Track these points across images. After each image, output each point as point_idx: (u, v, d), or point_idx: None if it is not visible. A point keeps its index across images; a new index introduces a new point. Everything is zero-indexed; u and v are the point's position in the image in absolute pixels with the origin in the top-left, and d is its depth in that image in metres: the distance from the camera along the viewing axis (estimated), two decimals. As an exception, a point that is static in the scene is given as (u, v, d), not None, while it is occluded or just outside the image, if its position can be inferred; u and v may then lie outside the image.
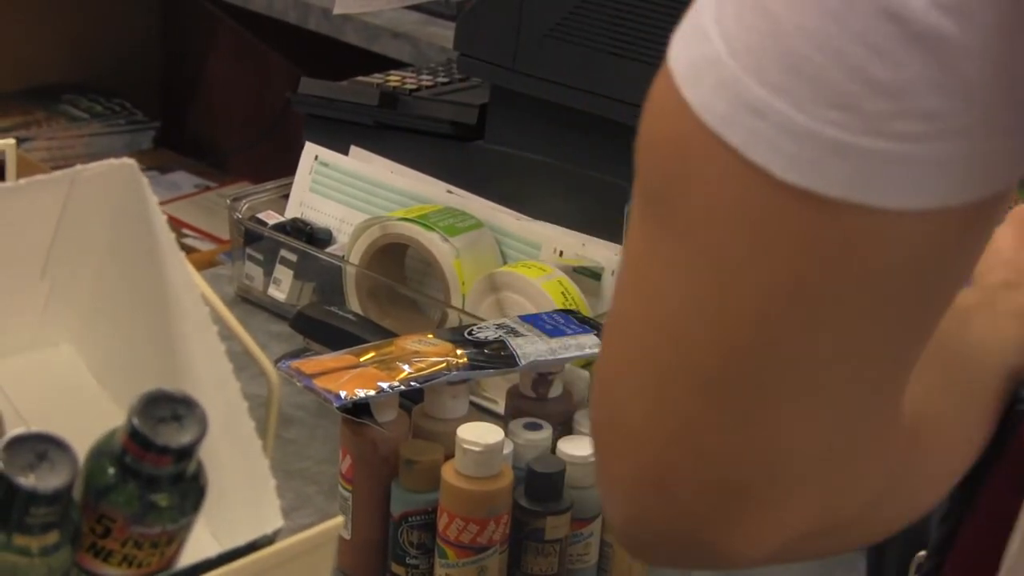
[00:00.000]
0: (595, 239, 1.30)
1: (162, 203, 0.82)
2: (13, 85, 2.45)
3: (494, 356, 1.07)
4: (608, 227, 1.27)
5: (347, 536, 1.06)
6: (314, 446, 1.23)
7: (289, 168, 1.49)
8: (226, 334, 0.81)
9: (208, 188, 2.41)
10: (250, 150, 2.39)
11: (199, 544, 0.76)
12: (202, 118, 2.55)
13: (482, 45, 1.34)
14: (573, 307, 1.25)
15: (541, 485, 1.02)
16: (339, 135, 1.45)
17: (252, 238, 1.42)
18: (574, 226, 1.32)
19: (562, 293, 1.25)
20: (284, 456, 1.19)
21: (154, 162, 2.39)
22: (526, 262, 1.30)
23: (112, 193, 0.80)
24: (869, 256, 0.53)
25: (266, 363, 0.80)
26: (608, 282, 1.28)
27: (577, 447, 1.03)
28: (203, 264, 1.67)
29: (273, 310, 1.41)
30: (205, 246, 2.21)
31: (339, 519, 0.77)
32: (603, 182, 1.29)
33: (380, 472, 1.04)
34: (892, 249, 0.53)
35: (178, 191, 2.36)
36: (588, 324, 1.12)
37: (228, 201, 1.46)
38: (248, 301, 1.43)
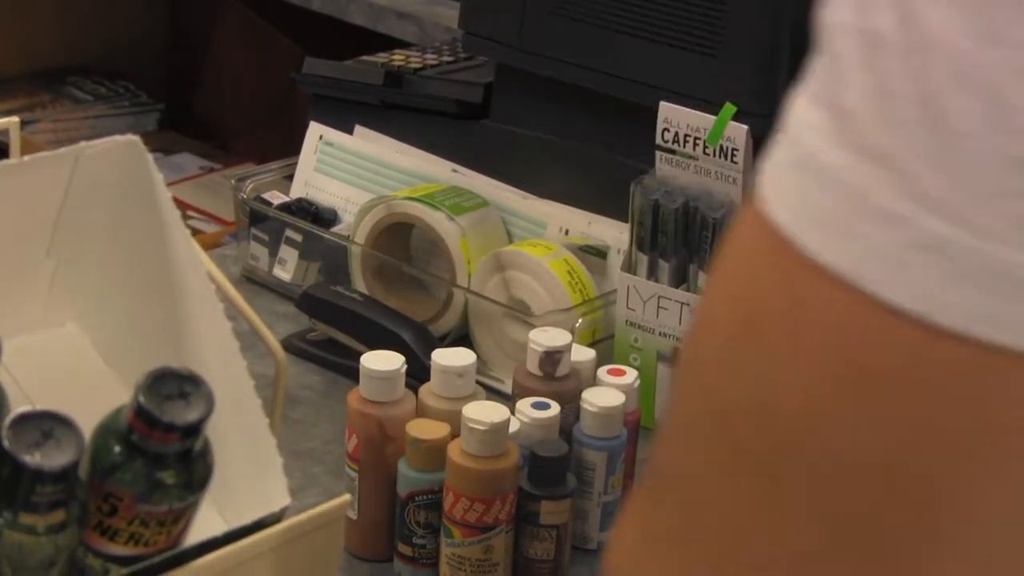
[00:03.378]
0: (601, 217, 1.30)
1: (167, 185, 0.82)
2: (17, 68, 2.44)
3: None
4: (614, 205, 1.26)
5: (354, 516, 1.05)
6: (320, 426, 1.22)
7: (294, 149, 1.48)
8: (232, 313, 0.80)
9: (213, 170, 2.40)
10: (255, 131, 2.39)
11: (205, 523, 0.76)
12: (207, 100, 2.54)
13: (487, 24, 1.33)
14: (579, 286, 1.24)
15: (542, 469, 1.02)
16: (344, 115, 1.45)
17: (257, 218, 1.42)
18: (580, 205, 1.31)
19: (568, 272, 1.25)
20: (290, 436, 1.19)
21: (159, 144, 2.38)
22: (532, 241, 1.30)
23: (117, 170, 0.80)
24: None
25: (272, 341, 0.80)
26: (614, 260, 1.28)
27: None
28: (208, 246, 1.66)
29: (278, 290, 1.41)
30: (210, 228, 2.20)
31: (347, 497, 0.77)
32: (609, 160, 1.29)
33: (387, 451, 1.04)
34: None
35: (183, 173, 2.35)
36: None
37: (233, 182, 1.46)
38: (253, 281, 1.43)
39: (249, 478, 0.77)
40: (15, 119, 0.87)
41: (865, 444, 0.44)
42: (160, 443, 0.70)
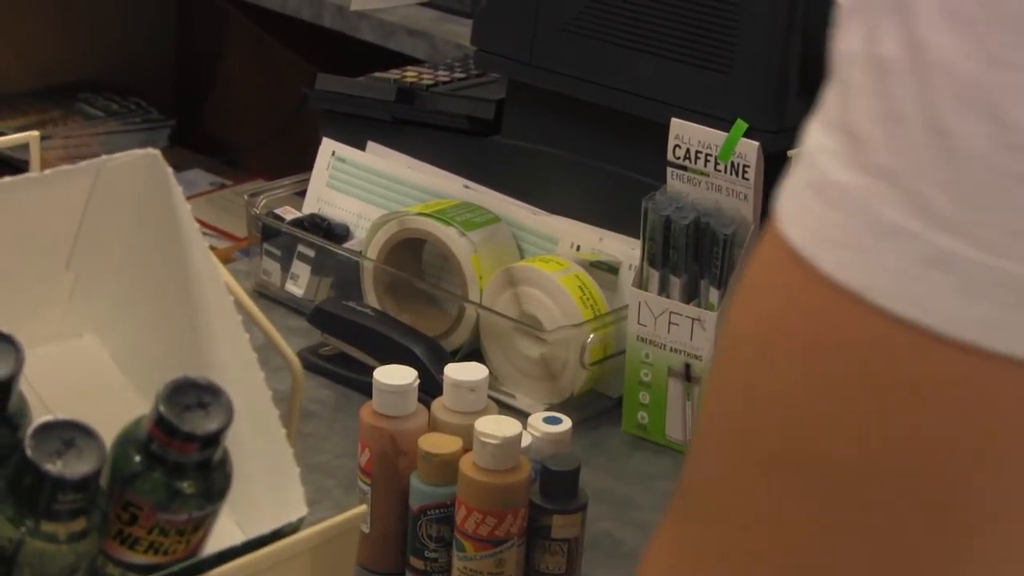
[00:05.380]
0: (612, 233, 1.30)
1: (180, 200, 0.83)
2: (29, 84, 2.45)
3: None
4: (625, 221, 1.27)
5: (366, 530, 1.06)
6: (332, 440, 1.23)
7: (303, 165, 1.49)
8: (248, 326, 0.81)
9: (223, 186, 2.41)
10: (264, 148, 2.40)
11: (223, 532, 0.77)
12: (217, 116, 2.55)
13: (499, 40, 1.34)
14: (590, 301, 1.25)
15: (553, 482, 1.02)
16: (356, 131, 1.46)
17: (269, 234, 1.43)
18: (591, 220, 1.32)
19: (579, 287, 1.25)
20: (302, 450, 1.18)
21: (169, 160, 2.36)
22: (543, 256, 1.30)
23: (137, 183, 0.81)
24: None
25: (288, 352, 0.81)
26: (625, 276, 1.28)
27: None
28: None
29: (290, 305, 1.42)
30: (221, 244, 2.21)
31: (362, 508, 0.78)
32: (620, 176, 1.29)
33: (399, 465, 1.04)
34: None
35: (194, 189, 2.36)
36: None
37: (246, 197, 1.46)
38: (265, 296, 1.44)
39: (267, 488, 0.78)
40: (35, 133, 0.88)
41: (878, 454, 0.45)
42: (179, 453, 0.71)
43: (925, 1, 0.43)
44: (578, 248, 1.31)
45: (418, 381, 1.05)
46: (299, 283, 1.41)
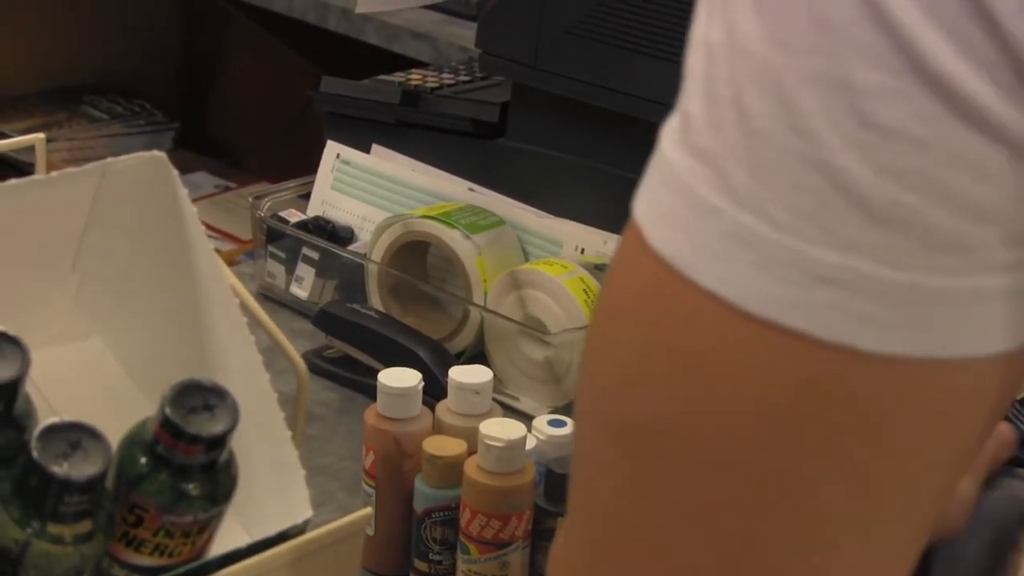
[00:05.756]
0: (617, 236, 1.29)
1: (184, 203, 0.83)
2: (34, 86, 2.45)
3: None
4: (630, 224, 1.27)
5: (370, 532, 1.06)
6: (336, 442, 1.23)
7: (308, 168, 1.49)
8: (253, 328, 0.81)
9: (228, 188, 2.41)
10: (269, 150, 2.40)
11: (228, 534, 0.77)
12: (221, 119, 2.55)
13: (504, 43, 1.34)
14: (594, 304, 1.25)
15: (558, 485, 1.02)
16: (361, 133, 1.46)
17: (274, 236, 1.43)
18: (596, 223, 1.32)
19: (584, 290, 1.25)
20: (307, 452, 1.18)
21: (174, 163, 2.37)
22: (548, 259, 1.30)
23: (142, 185, 0.81)
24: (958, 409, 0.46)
25: (293, 354, 0.81)
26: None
27: None
28: (223, 263, 1.67)
29: (295, 308, 1.42)
30: (225, 246, 2.21)
31: (367, 510, 0.78)
32: (625, 179, 1.28)
33: (403, 468, 1.04)
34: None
35: (198, 191, 2.35)
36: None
37: (250, 199, 1.46)
38: (270, 299, 1.44)
39: (272, 490, 0.78)
40: (41, 135, 0.88)
41: (693, 426, 0.47)
42: (185, 455, 0.71)
43: None
44: (582, 251, 1.31)
45: (422, 384, 1.05)
46: (303, 285, 1.41)
